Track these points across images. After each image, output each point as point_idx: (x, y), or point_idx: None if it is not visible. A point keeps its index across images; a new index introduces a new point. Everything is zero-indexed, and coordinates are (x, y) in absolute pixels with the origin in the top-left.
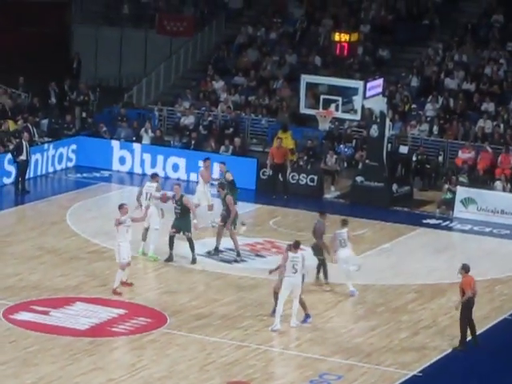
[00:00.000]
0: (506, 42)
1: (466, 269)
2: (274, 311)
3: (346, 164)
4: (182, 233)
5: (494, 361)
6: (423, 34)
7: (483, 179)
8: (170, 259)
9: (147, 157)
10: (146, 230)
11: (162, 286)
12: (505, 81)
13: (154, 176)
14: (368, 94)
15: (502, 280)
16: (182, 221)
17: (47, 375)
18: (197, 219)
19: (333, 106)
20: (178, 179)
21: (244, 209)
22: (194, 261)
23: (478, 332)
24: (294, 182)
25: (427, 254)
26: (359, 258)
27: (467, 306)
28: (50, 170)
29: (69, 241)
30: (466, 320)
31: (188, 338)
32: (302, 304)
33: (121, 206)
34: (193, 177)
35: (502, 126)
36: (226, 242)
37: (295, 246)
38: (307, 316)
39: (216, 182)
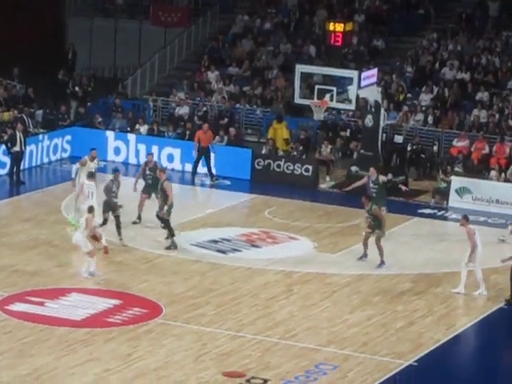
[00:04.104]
0: (500, 31)
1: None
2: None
3: (340, 154)
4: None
5: (488, 351)
6: (418, 23)
7: (478, 169)
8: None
9: (142, 147)
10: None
11: (158, 276)
12: (499, 70)
13: (91, 210)
14: (363, 83)
15: (498, 270)
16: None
17: (43, 366)
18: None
19: (327, 95)
20: (173, 170)
21: (239, 199)
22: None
23: (477, 321)
24: (289, 172)
25: (422, 243)
26: (356, 246)
27: None
28: (45, 160)
29: (64, 232)
30: None
31: (183, 329)
32: None
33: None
34: (187, 167)
35: (496, 115)
36: (222, 232)
37: None
38: None
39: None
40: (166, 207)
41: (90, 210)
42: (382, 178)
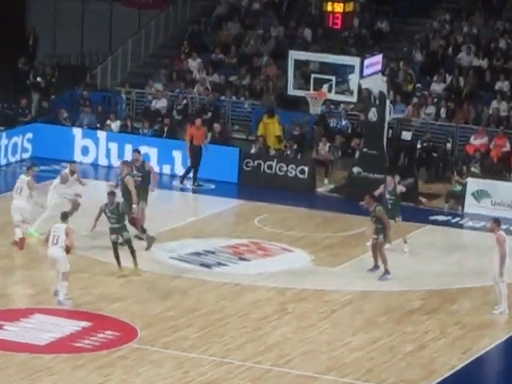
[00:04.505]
0: None
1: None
2: None
3: (340, 153)
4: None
5: (511, 379)
6: (427, 2)
7: (498, 169)
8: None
9: (114, 146)
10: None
11: (132, 294)
12: None
13: (30, 167)
14: (365, 72)
15: None
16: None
17: None
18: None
19: (325, 86)
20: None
21: (225, 205)
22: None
23: (497, 344)
24: (282, 174)
25: (434, 255)
26: (359, 259)
27: None
28: (3, 162)
29: (26, 243)
30: None
31: (162, 354)
32: None
33: None
34: (166, 169)
35: None
36: (205, 244)
37: None
38: None
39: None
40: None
41: (65, 216)
42: (401, 189)
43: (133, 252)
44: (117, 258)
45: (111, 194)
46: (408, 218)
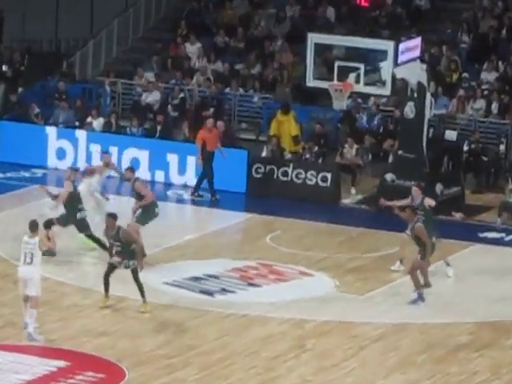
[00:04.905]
0: None
1: None
2: None
3: (370, 156)
4: None
5: None
6: None
7: None
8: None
9: (95, 149)
10: None
11: (119, 327)
12: None
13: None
14: (401, 59)
15: None
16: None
17: None
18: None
19: (352, 76)
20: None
21: (230, 220)
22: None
23: None
24: (300, 181)
25: (485, 280)
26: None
27: None
28: None
29: None
30: None
31: None
32: None
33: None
34: (158, 175)
35: None
36: (207, 267)
37: None
38: None
39: None
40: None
41: (34, 227)
42: (429, 202)
43: (140, 285)
44: (106, 283)
45: (110, 216)
46: (452, 235)
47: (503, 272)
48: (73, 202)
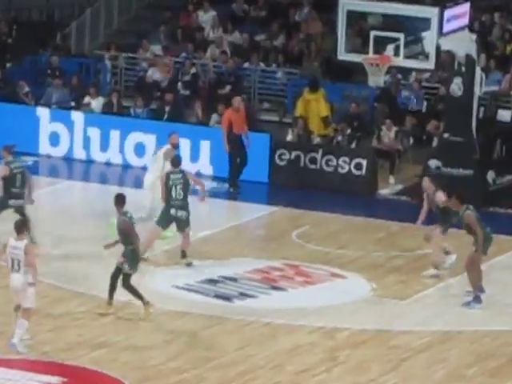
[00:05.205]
0: None
1: None
2: None
3: (412, 140)
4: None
5: None
6: None
7: None
8: None
9: (94, 133)
10: None
11: (122, 337)
12: None
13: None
14: (446, 28)
15: None
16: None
17: None
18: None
19: (390, 48)
20: (145, 168)
21: (251, 213)
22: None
23: None
24: (331, 169)
25: None
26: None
27: None
28: None
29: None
30: None
31: None
32: None
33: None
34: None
35: None
36: (224, 268)
37: None
38: None
39: None
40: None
41: (22, 227)
42: (440, 198)
43: (133, 292)
44: (112, 287)
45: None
46: (504, 230)
47: None
48: (7, 187)
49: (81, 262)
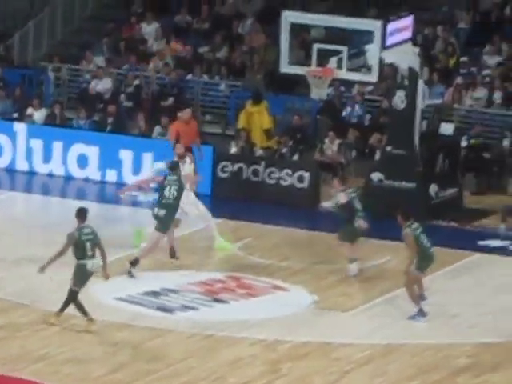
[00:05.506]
0: None
1: None
2: None
3: (355, 153)
4: None
5: None
6: None
7: None
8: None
9: (37, 144)
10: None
11: (64, 349)
12: None
13: None
14: (389, 41)
15: None
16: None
17: None
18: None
19: (333, 60)
20: (87, 180)
21: (193, 225)
22: None
23: None
24: (273, 182)
25: (487, 294)
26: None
27: None
28: None
29: None
30: None
31: None
32: None
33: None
34: (110, 175)
35: None
36: (166, 280)
37: None
38: None
39: None
40: None
41: None
42: (341, 198)
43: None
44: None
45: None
46: (449, 244)
47: (508, 286)
48: None
49: (24, 272)
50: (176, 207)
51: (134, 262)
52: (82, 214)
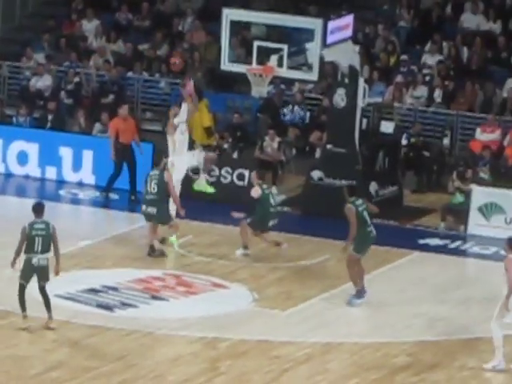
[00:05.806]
0: None
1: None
2: None
3: (295, 151)
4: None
5: None
6: None
7: None
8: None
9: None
10: None
11: (2, 346)
12: None
13: None
14: (330, 39)
15: None
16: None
17: None
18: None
19: (274, 58)
20: (28, 177)
21: (132, 223)
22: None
23: None
24: (214, 179)
25: (426, 293)
26: (320, 298)
27: None
28: None
29: None
30: None
31: None
32: None
33: None
34: (50, 172)
35: None
36: (105, 277)
37: None
38: None
39: None
40: None
41: None
42: (255, 191)
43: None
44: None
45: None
46: (389, 242)
47: (446, 284)
48: None
49: None
50: (162, 199)
51: (163, 241)
52: (37, 208)
